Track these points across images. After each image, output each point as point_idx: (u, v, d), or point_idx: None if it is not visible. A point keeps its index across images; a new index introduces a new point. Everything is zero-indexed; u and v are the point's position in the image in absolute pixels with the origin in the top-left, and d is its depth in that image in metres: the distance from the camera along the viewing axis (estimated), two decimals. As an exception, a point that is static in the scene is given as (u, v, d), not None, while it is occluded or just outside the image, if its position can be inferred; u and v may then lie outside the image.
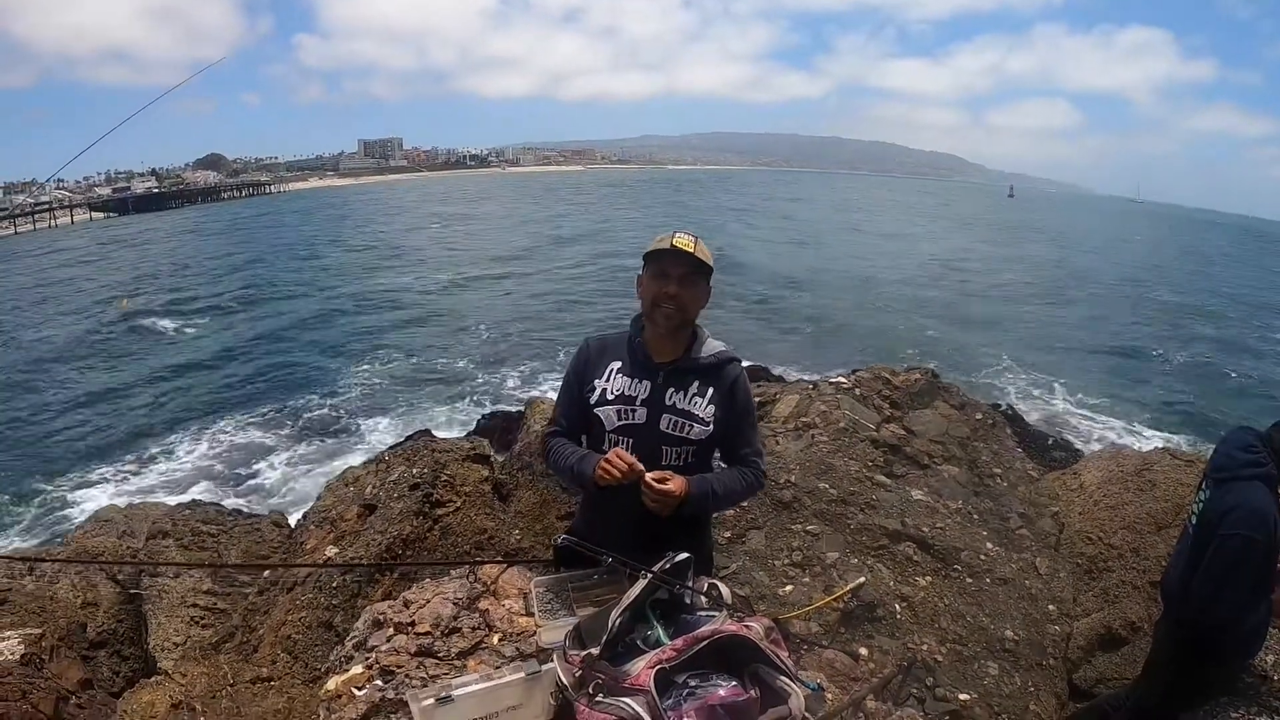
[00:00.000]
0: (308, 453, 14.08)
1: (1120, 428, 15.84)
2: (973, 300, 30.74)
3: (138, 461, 13.88)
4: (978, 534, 5.23)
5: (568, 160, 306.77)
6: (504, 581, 2.50)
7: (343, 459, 13.10)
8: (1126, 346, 23.78)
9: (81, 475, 13.33)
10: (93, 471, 13.48)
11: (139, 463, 13.82)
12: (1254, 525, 2.71)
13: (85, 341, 23.20)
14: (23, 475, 13.38)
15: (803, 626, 4.32)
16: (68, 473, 13.44)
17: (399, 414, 15.97)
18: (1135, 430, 15.79)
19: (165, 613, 5.20)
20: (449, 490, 5.04)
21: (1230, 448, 2.90)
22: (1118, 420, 16.39)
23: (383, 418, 15.79)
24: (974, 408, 6.57)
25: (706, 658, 1.63)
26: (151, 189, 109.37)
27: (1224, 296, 37.71)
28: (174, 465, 13.67)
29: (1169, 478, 5.48)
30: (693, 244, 2.27)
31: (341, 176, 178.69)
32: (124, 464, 13.79)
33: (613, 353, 2.44)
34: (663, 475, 2.20)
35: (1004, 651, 4.49)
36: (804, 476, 5.36)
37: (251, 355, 21.21)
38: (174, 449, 14.40)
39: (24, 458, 14.23)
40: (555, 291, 30.17)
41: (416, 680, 2.06)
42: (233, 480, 12.90)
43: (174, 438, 14.90)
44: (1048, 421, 14.84)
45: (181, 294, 31.07)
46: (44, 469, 13.67)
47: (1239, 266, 58.40)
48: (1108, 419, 16.39)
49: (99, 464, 13.80)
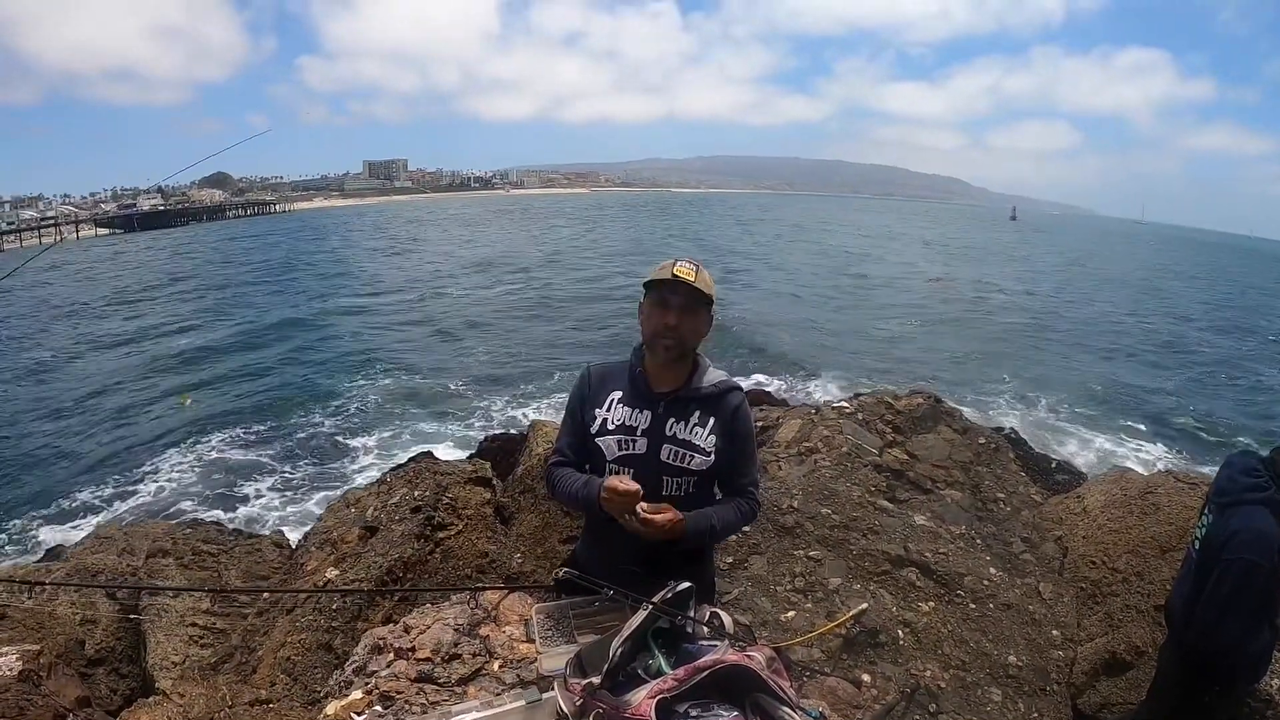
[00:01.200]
0: (307, 473, 14.02)
1: (1125, 451, 15.78)
2: (975, 324, 30.72)
3: (128, 480, 13.77)
4: (981, 559, 5.20)
5: (572, 183, 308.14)
6: (505, 607, 2.50)
7: (342, 479, 13.12)
8: (1136, 371, 23.69)
9: (73, 492, 13.25)
10: (83, 489, 13.39)
11: (130, 481, 13.71)
12: (1258, 550, 2.70)
13: (72, 356, 23.37)
14: (16, 490, 13.39)
15: (805, 653, 4.30)
16: (57, 490, 13.38)
17: (396, 434, 15.90)
18: (1140, 452, 15.74)
19: (164, 632, 5.19)
20: (450, 513, 5.04)
21: (1233, 472, 2.90)
22: (1122, 443, 16.33)
23: (380, 437, 15.72)
24: (977, 432, 6.56)
25: (708, 687, 1.62)
26: (157, 206, 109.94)
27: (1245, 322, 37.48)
28: (165, 484, 13.53)
29: (1173, 501, 5.45)
30: (693, 273, 2.26)
31: (346, 197, 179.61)
32: (118, 480, 13.73)
33: (614, 382, 2.44)
34: (656, 507, 2.20)
35: (1008, 677, 4.46)
36: (806, 502, 5.35)
37: (245, 372, 21.17)
38: (165, 467, 14.30)
39: (18, 471, 14.24)
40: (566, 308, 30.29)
41: (416, 706, 2.05)
42: (229, 500, 12.81)
43: (166, 456, 14.83)
44: (1052, 445, 14.78)
45: (174, 309, 31.34)
46: (37, 485, 13.67)
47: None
48: (1112, 443, 16.34)
49: (91, 480, 13.72)
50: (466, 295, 34.24)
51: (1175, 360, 25.83)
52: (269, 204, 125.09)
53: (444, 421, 16.71)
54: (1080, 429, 17.17)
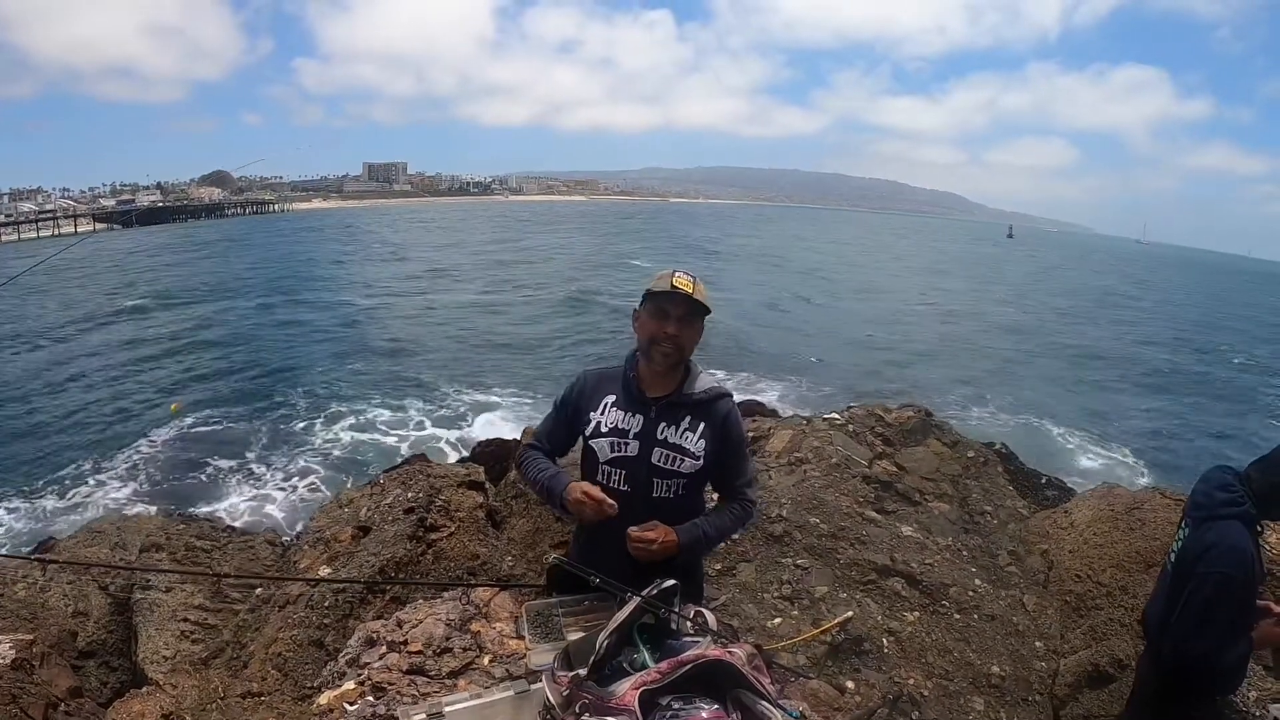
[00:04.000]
0: (293, 470, 14.04)
1: (1115, 466, 15.85)
2: (966, 339, 30.83)
3: (109, 473, 13.79)
4: (966, 570, 5.26)
5: (571, 190, 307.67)
6: (496, 605, 2.55)
7: (331, 472, 13.24)
8: (1134, 391, 23.76)
9: (58, 484, 13.32)
10: (63, 480, 13.49)
11: (112, 475, 13.73)
12: (1231, 563, 2.74)
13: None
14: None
15: (790, 659, 4.34)
16: (43, 480, 13.45)
17: (391, 436, 15.97)
18: (1132, 468, 15.83)
19: (156, 625, 5.22)
20: (443, 515, 5.07)
21: (1209, 487, 2.94)
22: (1113, 459, 16.41)
23: (374, 439, 15.80)
24: (966, 445, 6.62)
25: (691, 681, 1.66)
26: (156, 203, 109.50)
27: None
28: (146, 478, 13.58)
29: (1159, 516, 5.49)
30: (691, 285, 2.34)
31: (345, 198, 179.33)
32: (100, 471, 13.82)
33: (608, 386, 2.51)
34: (647, 526, 2.30)
35: (990, 687, 4.50)
36: (795, 511, 5.40)
37: (238, 370, 21.29)
38: (146, 462, 14.34)
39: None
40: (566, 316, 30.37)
41: (408, 697, 2.10)
42: (224, 496, 12.84)
43: (146, 451, 14.86)
44: (1042, 459, 14.84)
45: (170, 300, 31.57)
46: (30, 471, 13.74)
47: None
48: (1104, 459, 16.42)
49: (71, 473, 13.82)
50: (464, 296, 34.40)
51: (1173, 382, 25.94)
52: (268, 204, 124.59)
53: (439, 425, 16.75)
54: (1075, 445, 17.25)
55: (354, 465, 14.27)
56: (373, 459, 14.34)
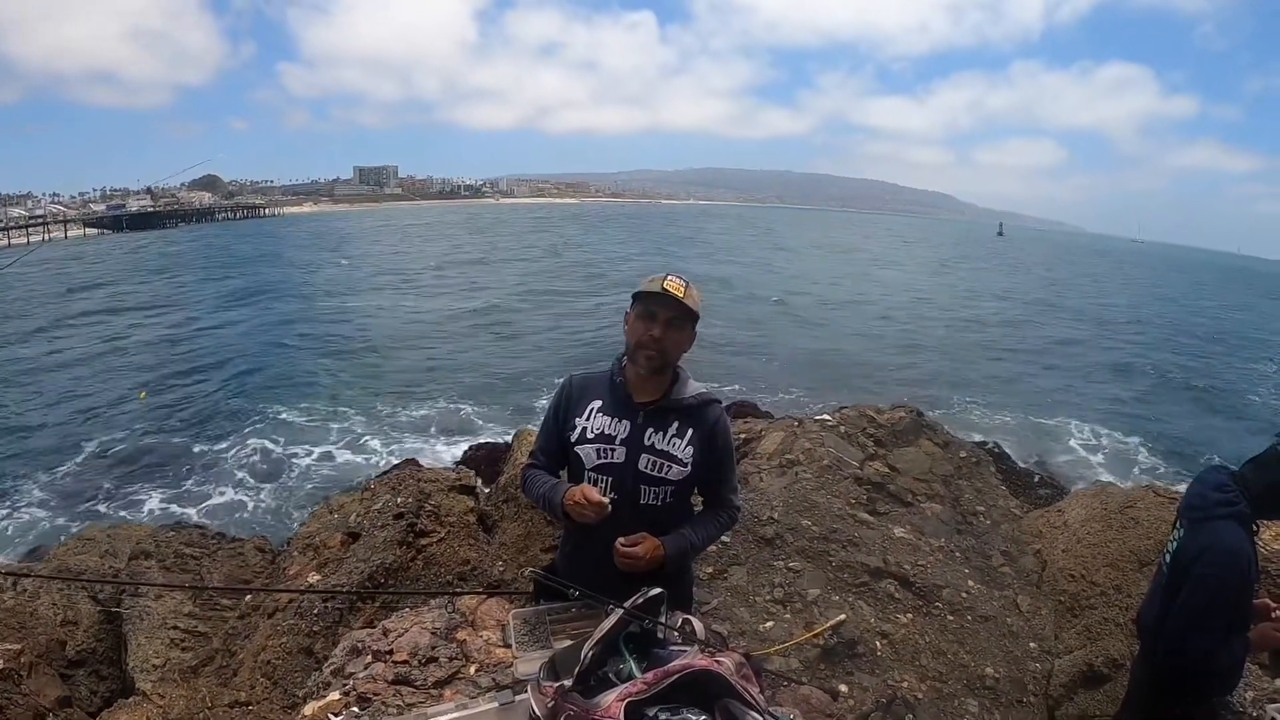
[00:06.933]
0: (282, 477, 13.98)
1: (1109, 464, 15.89)
2: (960, 339, 30.88)
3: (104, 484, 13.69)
4: (959, 571, 5.25)
5: (562, 192, 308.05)
6: (482, 613, 2.53)
7: (321, 482, 13.16)
8: (1130, 390, 23.76)
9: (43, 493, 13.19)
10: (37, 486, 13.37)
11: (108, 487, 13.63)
12: (1227, 564, 2.73)
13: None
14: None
15: (782, 663, 4.32)
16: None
17: (383, 441, 15.90)
18: (1126, 464, 15.88)
19: (145, 634, 5.18)
20: (433, 520, 5.05)
21: (1204, 487, 2.93)
22: (1106, 457, 16.45)
23: (364, 442, 15.73)
24: (958, 446, 6.60)
25: (678, 691, 1.64)
26: (146, 208, 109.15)
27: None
28: (138, 486, 13.45)
29: (1152, 515, 5.50)
30: (682, 289, 2.29)
31: (336, 202, 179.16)
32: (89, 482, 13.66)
33: (594, 391, 2.46)
34: (634, 539, 2.26)
35: (984, 689, 4.50)
36: (787, 513, 5.38)
37: (220, 377, 21.14)
38: (141, 469, 14.20)
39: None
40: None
41: (393, 708, 2.08)
42: (210, 501, 12.78)
43: (143, 458, 14.73)
44: (1035, 459, 14.88)
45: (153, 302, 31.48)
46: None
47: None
48: (1097, 456, 16.46)
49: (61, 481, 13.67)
50: (458, 299, 34.37)
51: (1166, 380, 25.98)
52: (258, 208, 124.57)
53: (430, 429, 16.70)
54: (1068, 443, 17.29)
55: (344, 470, 14.20)
56: (361, 463, 14.29)
